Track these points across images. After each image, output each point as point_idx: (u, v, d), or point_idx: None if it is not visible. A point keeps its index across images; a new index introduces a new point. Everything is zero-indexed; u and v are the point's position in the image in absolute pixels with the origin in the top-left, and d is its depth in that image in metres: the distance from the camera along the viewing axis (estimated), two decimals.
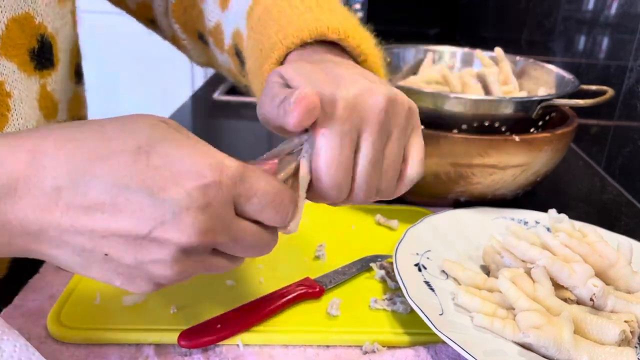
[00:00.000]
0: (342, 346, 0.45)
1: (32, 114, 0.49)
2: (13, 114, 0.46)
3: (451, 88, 0.73)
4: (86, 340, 0.43)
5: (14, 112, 0.46)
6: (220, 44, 0.57)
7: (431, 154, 0.62)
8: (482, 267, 0.55)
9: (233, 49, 0.54)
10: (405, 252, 0.52)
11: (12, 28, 0.46)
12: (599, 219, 0.65)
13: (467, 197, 0.65)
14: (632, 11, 0.83)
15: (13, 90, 0.46)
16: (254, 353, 0.43)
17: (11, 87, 0.46)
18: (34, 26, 0.48)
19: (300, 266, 0.54)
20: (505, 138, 0.61)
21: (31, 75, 0.49)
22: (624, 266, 0.49)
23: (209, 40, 0.59)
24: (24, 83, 0.48)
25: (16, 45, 0.47)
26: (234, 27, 0.53)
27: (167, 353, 0.43)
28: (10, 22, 0.46)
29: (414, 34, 1.97)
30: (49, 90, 0.52)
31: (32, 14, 0.48)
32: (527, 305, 0.44)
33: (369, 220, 0.64)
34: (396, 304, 0.49)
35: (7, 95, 0.46)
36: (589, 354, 0.41)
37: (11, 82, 0.46)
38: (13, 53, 0.46)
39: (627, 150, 0.81)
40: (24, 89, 0.47)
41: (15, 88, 0.46)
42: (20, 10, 0.47)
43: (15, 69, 0.46)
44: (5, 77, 0.45)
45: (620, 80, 0.84)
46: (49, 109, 0.52)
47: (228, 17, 0.53)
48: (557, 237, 0.50)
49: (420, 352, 0.44)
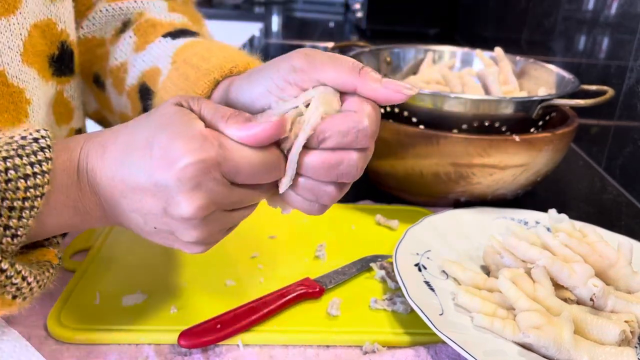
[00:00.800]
0: (342, 346, 0.45)
1: (46, 119, 0.48)
2: (30, 120, 0.46)
3: (451, 88, 0.73)
4: (86, 341, 0.43)
5: (31, 119, 0.46)
6: (120, 84, 0.55)
7: (431, 154, 0.62)
8: (482, 267, 0.55)
9: (137, 88, 0.52)
10: (405, 252, 0.52)
11: (34, 34, 0.45)
12: (599, 219, 0.65)
13: (467, 197, 0.65)
14: (632, 11, 0.83)
15: (32, 97, 0.46)
16: (254, 353, 0.43)
17: (31, 94, 0.45)
18: (56, 33, 0.47)
19: (300, 266, 0.54)
20: (505, 138, 0.61)
21: (49, 81, 0.48)
22: (624, 266, 0.49)
23: (106, 82, 0.57)
24: (42, 89, 0.47)
25: (37, 52, 0.46)
26: (149, 66, 0.51)
27: (167, 353, 0.43)
28: (32, 28, 0.45)
29: (414, 34, 1.97)
30: (66, 97, 0.51)
31: (55, 20, 0.47)
32: (527, 306, 0.44)
33: (369, 220, 0.64)
34: (396, 304, 0.49)
35: (27, 102, 0.45)
36: (589, 354, 0.41)
37: (31, 89, 0.45)
38: (34, 60, 0.46)
39: (628, 150, 0.81)
40: (42, 95, 0.47)
41: (34, 95, 0.46)
42: (42, 16, 0.46)
43: (36, 76, 0.46)
44: (26, 85, 0.45)
45: (621, 80, 0.84)
46: (62, 115, 0.51)
47: (142, 57, 0.52)
48: (557, 237, 0.50)
49: (420, 352, 0.44)
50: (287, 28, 2.29)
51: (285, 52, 0.38)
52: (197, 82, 0.44)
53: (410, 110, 0.65)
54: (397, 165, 0.64)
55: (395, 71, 0.84)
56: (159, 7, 0.57)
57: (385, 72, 0.83)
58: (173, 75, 0.47)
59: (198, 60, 0.46)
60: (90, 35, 0.57)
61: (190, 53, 0.47)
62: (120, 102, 0.56)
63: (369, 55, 0.81)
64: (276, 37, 2.09)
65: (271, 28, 2.28)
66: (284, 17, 2.50)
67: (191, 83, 0.45)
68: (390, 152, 0.64)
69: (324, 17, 2.52)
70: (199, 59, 0.46)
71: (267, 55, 1.73)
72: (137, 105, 0.53)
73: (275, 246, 0.58)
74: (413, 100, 0.64)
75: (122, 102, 0.55)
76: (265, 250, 0.56)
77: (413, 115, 0.65)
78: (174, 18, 0.56)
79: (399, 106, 0.65)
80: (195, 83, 0.44)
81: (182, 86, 0.46)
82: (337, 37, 2.08)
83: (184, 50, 0.49)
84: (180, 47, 0.50)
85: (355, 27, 2.20)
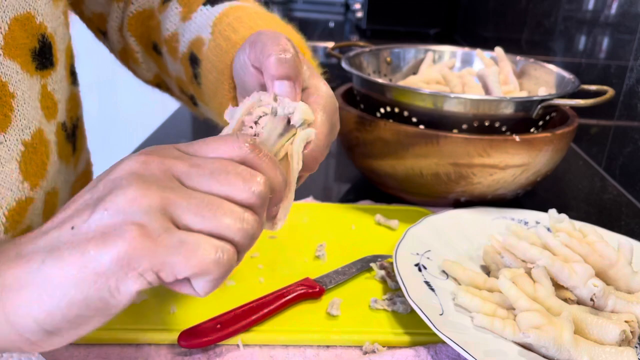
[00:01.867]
0: (342, 346, 0.45)
1: (34, 114, 0.49)
2: (16, 114, 0.46)
3: (451, 88, 0.73)
4: (86, 340, 0.43)
5: (17, 113, 0.46)
6: (174, 53, 0.58)
7: (431, 154, 0.62)
8: (482, 267, 0.55)
9: (188, 55, 0.56)
10: (405, 252, 0.52)
11: (14, 28, 0.46)
12: (599, 219, 0.65)
13: (467, 197, 0.65)
14: (632, 11, 0.83)
15: (16, 90, 0.46)
16: (254, 353, 0.43)
17: (14, 87, 0.46)
18: (35, 26, 0.48)
19: (300, 266, 0.54)
20: (505, 138, 0.61)
21: (33, 75, 0.49)
22: (624, 266, 0.49)
23: (162, 50, 0.61)
24: (27, 83, 0.47)
25: (18, 45, 0.46)
26: (194, 36, 0.55)
27: (167, 353, 0.43)
28: (13, 22, 0.45)
29: (414, 34, 1.97)
30: (50, 90, 0.52)
31: (33, 13, 0.48)
32: (527, 306, 0.44)
33: (369, 220, 0.64)
34: (396, 304, 0.49)
35: (11, 96, 0.45)
36: (589, 354, 0.41)
37: (14, 82, 0.46)
38: (16, 53, 0.46)
39: (628, 150, 0.81)
40: (26, 90, 0.47)
41: (18, 89, 0.46)
42: (21, 10, 0.46)
43: (19, 70, 0.46)
44: (9, 78, 0.45)
45: (621, 80, 0.84)
46: (50, 109, 0.52)
47: (189, 27, 0.56)
48: (558, 237, 0.50)
49: (420, 352, 0.44)
50: None
51: None
52: (227, 53, 0.49)
53: (410, 110, 0.65)
54: (397, 165, 0.64)
55: (395, 71, 0.84)
56: None
57: (385, 72, 0.83)
58: (212, 46, 0.52)
59: (229, 31, 0.50)
60: (141, 8, 0.61)
61: (225, 24, 0.52)
62: (176, 68, 0.59)
63: (369, 55, 0.81)
64: None
65: None
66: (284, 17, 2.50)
67: (223, 52, 0.49)
68: (390, 152, 0.64)
69: (324, 17, 2.52)
70: (230, 30, 0.50)
71: None
72: (189, 70, 0.56)
73: (275, 246, 0.58)
74: (413, 100, 0.64)
75: (177, 67, 0.59)
76: (265, 250, 0.56)
77: (413, 115, 0.65)
78: None
79: (399, 106, 0.65)
80: (226, 53, 0.49)
81: (218, 55, 0.50)
82: (337, 37, 2.08)
83: (220, 21, 0.53)
84: (217, 17, 0.53)
85: (355, 27, 2.21)
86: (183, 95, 0.62)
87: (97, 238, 0.27)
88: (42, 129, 0.50)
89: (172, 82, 0.63)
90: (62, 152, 0.55)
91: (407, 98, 0.64)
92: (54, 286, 0.27)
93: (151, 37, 0.62)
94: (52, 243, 0.28)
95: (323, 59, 1.66)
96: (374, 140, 0.65)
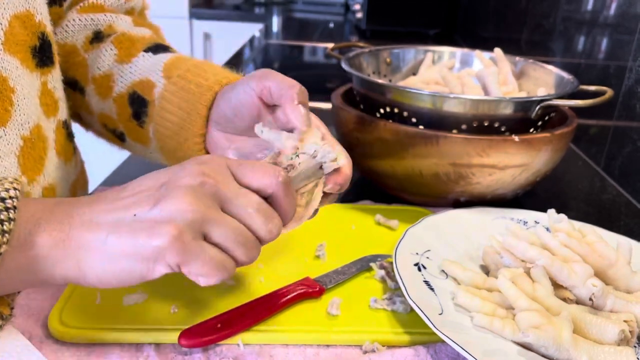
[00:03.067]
0: (342, 346, 0.45)
1: (34, 110, 0.49)
2: (16, 109, 0.47)
3: (450, 88, 0.73)
4: (87, 340, 0.43)
5: (17, 108, 0.47)
6: (106, 91, 0.59)
7: (431, 154, 0.62)
8: (482, 267, 0.55)
9: (127, 95, 0.58)
10: (405, 252, 0.53)
11: (15, 25, 0.46)
12: (599, 219, 0.65)
13: (466, 197, 0.65)
14: (632, 11, 0.83)
15: (16, 85, 0.46)
16: (254, 352, 0.44)
17: (15, 82, 0.46)
18: (35, 24, 0.49)
19: (300, 266, 0.55)
20: (504, 138, 0.61)
21: (33, 72, 0.49)
22: (623, 266, 0.49)
23: (86, 89, 0.61)
24: (27, 79, 0.48)
25: (19, 41, 0.47)
26: (138, 78, 0.57)
27: (168, 353, 0.43)
28: (13, 19, 0.46)
29: (413, 35, 1.97)
30: (50, 88, 0.52)
31: (33, 12, 0.48)
32: (526, 305, 0.44)
33: (369, 220, 0.64)
34: (396, 303, 0.49)
35: (11, 90, 0.46)
36: (589, 353, 0.41)
37: (15, 77, 0.46)
38: (16, 49, 0.47)
39: (627, 150, 0.81)
40: (26, 85, 0.48)
41: (18, 84, 0.47)
42: (21, 8, 0.47)
43: (18, 65, 0.47)
44: (9, 73, 0.46)
45: (620, 80, 0.84)
46: (49, 106, 0.52)
47: (129, 69, 0.58)
48: (557, 237, 0.50)
49: (420, 352, 0.44)
50: (287, 29, 2.30)
51: (285, 53, 0.41)
52: (201, 96, 0.53)
53: (410, 110, 0.65)
54: (397, 165, 0.65)
55: (395, 72, 0.85)
56: (125, 20, 0.63)
57: (385, 72, 0.84)
58: (172, 89, 0.55)
59: (194, 76, 0.54)
60: (62, 41, 0.61)
61: (183, 69, 0.56)
62: (104, 106, 0.60)
63: (369, 56, 0.81)
64: (276, 37, 2.09)
65: (271, 29, 2.28)
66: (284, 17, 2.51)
67: (195, 96, 0.53)
68: (390, 152, 0.64)
69: (323, 18, 2.52)
70: (195, 75, 0.54)
71: (267, 55, 1.73)
72: (126, 110, 0.58)
73: (275, 246, 0.58)
74: (413, 100, 0.64)
75: (106, 106, 0.60)
76: (265, 250, 0.56)
77: (413, 116, 0.65)
78: (144, 33, 0.62)
79: (398, 106, 0.65)
80: (200, 97, 0.53)
81: (186, 98, 0.54)
82: (337, 38, 2.08)
83: (173, 67, 0.56)
84: (167, 63, 0.57)
85: (355, 27, 2.21)
86: (105, 130, 0.62)
87: (148, 229, 0.36)
88: (41, 125, 0.50)
89: (92, 118, 0.63)
90: (63, 150, 0.55)
91: (407, 98, 0.64)
92: (114, 257, 0.36)
93: (68, 73, 0.61)
94: (117, 221, 0.37)
95: (323, 59, 1.66)
96: (373, 140, 0.65)
